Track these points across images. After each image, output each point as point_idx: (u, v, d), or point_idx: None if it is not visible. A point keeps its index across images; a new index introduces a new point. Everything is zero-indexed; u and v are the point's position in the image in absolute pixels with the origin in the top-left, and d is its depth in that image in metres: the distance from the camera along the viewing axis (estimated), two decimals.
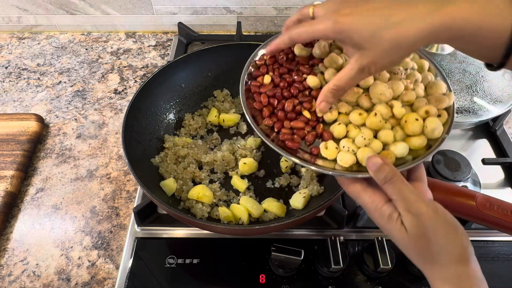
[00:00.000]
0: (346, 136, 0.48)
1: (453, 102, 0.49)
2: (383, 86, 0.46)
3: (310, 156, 0.47)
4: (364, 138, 0.45)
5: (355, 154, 0.45)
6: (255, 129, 0.49)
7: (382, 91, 0.46)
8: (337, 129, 0.47)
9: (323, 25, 0.40)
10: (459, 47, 0.39)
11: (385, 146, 0.46)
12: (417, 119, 0.45)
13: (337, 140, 0.47)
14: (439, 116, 0.47)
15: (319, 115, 0.48)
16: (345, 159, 0.45)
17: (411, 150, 0.46)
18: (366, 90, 0.48)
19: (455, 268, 0.39)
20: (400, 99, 0.48)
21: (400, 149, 0.44)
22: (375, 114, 0.46)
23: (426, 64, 0.53)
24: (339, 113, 0.49)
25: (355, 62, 0.40)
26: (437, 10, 0.35)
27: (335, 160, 0.46)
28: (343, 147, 0.46)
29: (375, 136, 0.46)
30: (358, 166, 0.45)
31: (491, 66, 0.39)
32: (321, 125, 0.49)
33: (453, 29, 0.35)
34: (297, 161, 0.46)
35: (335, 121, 0.49)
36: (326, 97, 0.44)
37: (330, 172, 0.45)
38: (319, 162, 0.46)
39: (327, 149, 0.47)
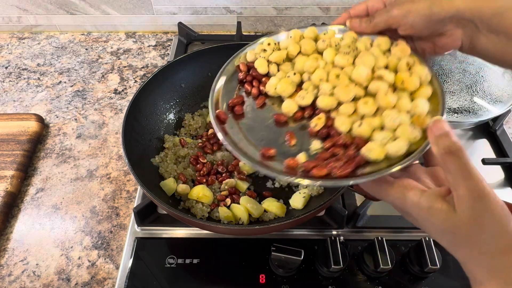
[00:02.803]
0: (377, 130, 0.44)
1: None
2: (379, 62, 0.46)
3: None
4: (394, 121, 0.42)
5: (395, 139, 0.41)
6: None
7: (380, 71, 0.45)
8: (363, 130, 0.43)
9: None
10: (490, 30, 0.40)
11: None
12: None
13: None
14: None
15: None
16: (397, 147, 0.40)
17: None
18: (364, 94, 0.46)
19: (504, 258, 0.35)
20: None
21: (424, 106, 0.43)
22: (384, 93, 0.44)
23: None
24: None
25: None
26: None
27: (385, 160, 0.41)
28: (381, 139, 0.41)
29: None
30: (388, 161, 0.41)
31: None
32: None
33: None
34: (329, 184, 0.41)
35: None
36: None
37: (361, 180, 0.39)
38: (367, 169, 0.41)
39: (370, 150, 0.41)
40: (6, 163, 0.76)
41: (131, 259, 0.63)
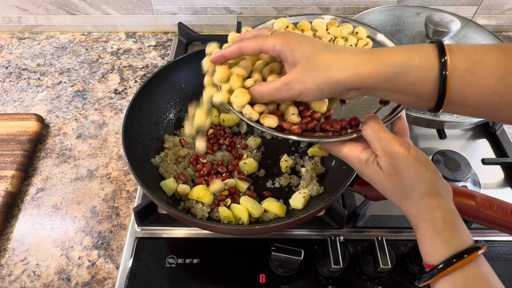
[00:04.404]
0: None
1: None
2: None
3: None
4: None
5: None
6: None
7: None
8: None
9: (275, 39, 0.43)
10: (391, 91, 0.41)
11: None
12: None
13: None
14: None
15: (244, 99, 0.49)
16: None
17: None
18: None
19: (426, 201, 0.41)
20: None
21: None
22: None
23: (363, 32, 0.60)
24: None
25: (285, 76, 0.43)
26: (372, 54, 0.40)
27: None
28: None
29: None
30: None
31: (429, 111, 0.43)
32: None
33: (386, 66, 0.39)
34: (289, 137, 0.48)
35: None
36: (254, 94, 0.46)
37: (317, 140, 0.48)
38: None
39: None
40: (6, 163, 0.76)
41: (131, 259, 0.63)
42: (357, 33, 0.60)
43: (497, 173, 0.77)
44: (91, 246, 0.67)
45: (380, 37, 0.60)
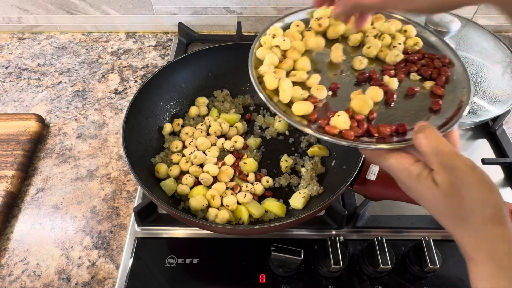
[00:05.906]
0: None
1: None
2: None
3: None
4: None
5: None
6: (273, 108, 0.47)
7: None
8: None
9: None
10: None
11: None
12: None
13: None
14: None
15: (333, 16, 0.50)
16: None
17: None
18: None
19: (489, 229, 0.35)
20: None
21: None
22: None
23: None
24: None
25: None
26: None
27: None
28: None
29: None
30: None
31: None
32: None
33: None
34: (320, 136, 0.44)
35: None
36: (345, 4, 0.44)
37: (354, 144, 0.43)
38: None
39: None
40: (7, 163, 0.76)
41: (131, 259, 0.63)
42: (405, 31, 0.56)
43: (497, 173, 0.77)
44: (91, 246, 0.67)
45: (434, 39, 0.56)
